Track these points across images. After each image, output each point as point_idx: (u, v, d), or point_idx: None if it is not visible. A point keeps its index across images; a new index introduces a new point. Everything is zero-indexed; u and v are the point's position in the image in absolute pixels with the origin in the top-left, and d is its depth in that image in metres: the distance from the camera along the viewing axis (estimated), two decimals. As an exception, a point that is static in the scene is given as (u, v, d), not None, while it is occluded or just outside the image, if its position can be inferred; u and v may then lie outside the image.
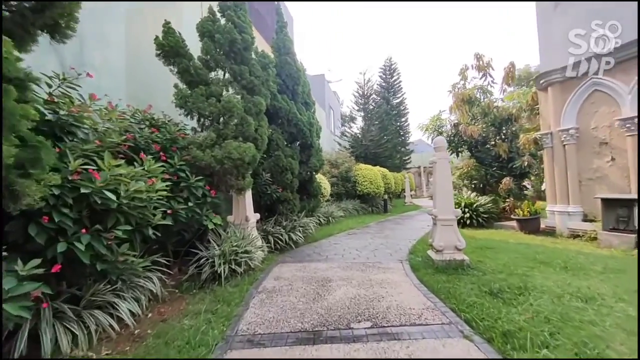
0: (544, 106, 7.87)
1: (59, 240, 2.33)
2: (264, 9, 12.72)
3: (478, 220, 8.82)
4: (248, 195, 5.46)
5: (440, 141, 5.22)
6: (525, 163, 8.84)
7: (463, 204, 8.95)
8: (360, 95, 24.45)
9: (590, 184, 6.81)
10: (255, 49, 5.74)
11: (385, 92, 27.88)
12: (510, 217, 8.57)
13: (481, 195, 9.94)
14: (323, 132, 9.91)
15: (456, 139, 11.12)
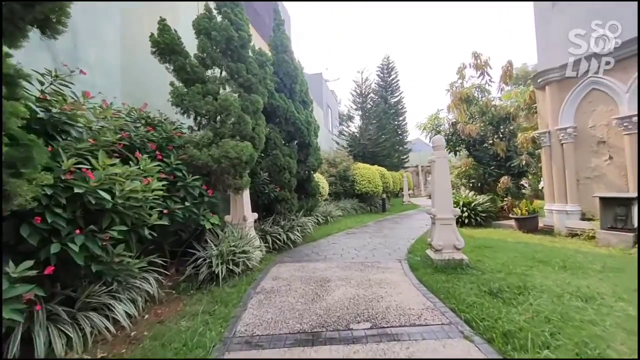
0: (541, 105, 7.87)
1: (52, 241, 2.27)
2: (261, 8, 12.63)
3: (476, 219, 8.82)
4: (246, 194, 5.42)
5: (439, 140, 5.20)
6: (523, 162, 8.85)
7: (461, 203, 8.95)
8: (358, 94, 24.43)
9: (588, 182, 6.82)
10: (253, 47, 5.68)
11: (383, 91, 27.87)
12: (509, 216, 8.59)
13: (479, 194, 9.95)
14: (321, 131, 9.86)
15: (454, 137, 11.11)
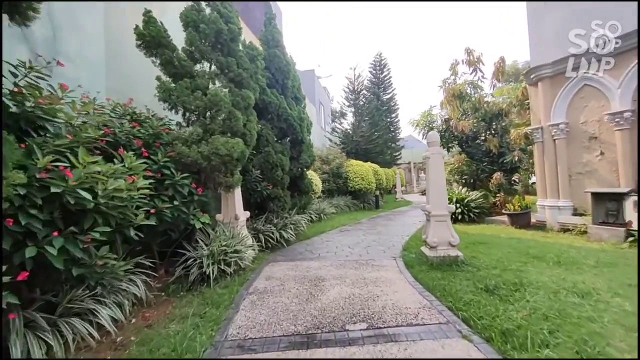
0: (534, 101, 7.89)
1: (27, 244, 2.12)
2: (251, 2, 12.39)
3: (469, 215, 8.85)
4: (237, 192, 5.29)
5: (434, 136, 5.13)
6: (515, 158, 8.89)
7: (454, 200, 8.95)
8: (350, 91, 24.30)
9: (580, 178, 6.87)
10: (243, 42, 5.53)
11: (376, 88, 27.78)
12: (501, 212, 8.62)
13: (472, 191, 9.98)
14: (314, 128, 9.74)
15: (447, 134, 11.12)
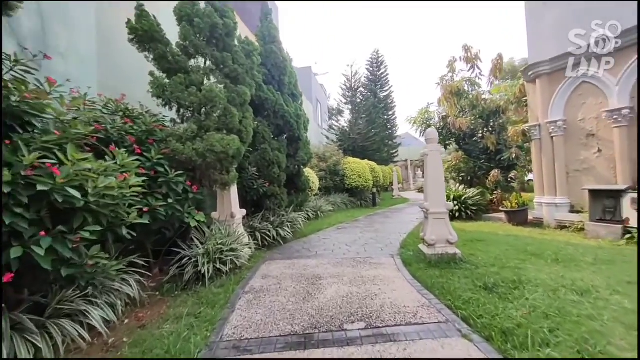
0: (532, 98, 7.87)
1: (13, 244, 2.04)
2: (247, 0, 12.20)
3: (467, 212, 8.84)
4: (233, 190, 5.21)
5: (432, 133, 5.09)
6: (513, 155, 8.87)
7: (452, 197, 8.94)
8: (347, 88, 24.22)
9: (577, 175, 6.87)
10: (239, 37, 5.43)
11: (373, 85, 27.68)
12: (498, 209, 8.62)
13: (469, 188, 9.97)
14: (310, 126, 9.64)
15: (444, 131, 11.06)
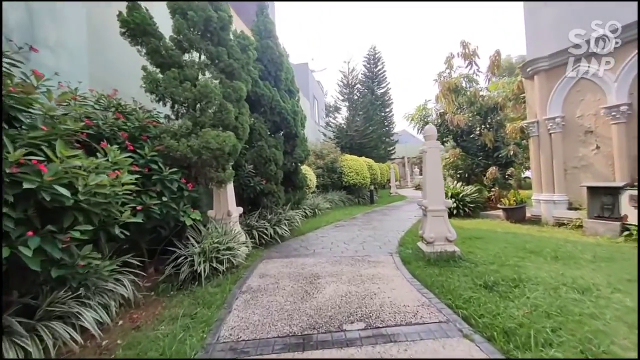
0: (530, 94, 7.84)
1: (-1, 245, 1.95)
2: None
3: (464, 210, 8.81)
4: (230, 188, 5.13)
5: (431, 129, 5.03)
6: (510, 152, 8.85)
7: (450, 194, 8.90)
8: (344, 85, 24.11)
9: (575, 172, 6.86)
10: (234, 31, 5.32)
11: (370, 82, 27.58)
12: (496, 207, 8.62)
13: (466, 185, 9.95)
14: (307, 123, 9.55)
15: (442, 128, 11.04)
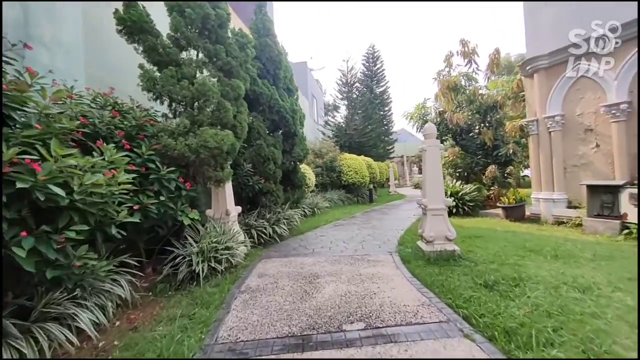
0: (529, 93, 7.82)
1: (-9, 246, 1.92)
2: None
3: (464, 208, 8.80)
4: (228, 187, 5.09)
5: (430, 128, 5.00)
6: (510, 150, 8.84)
7: (449, 193, 8.88)
8: (343, 84, 24.05)
9: (575, 170, 6.85)
10: (232, 29, 5.28)
11: (369, 81, 27.53)
12: (495, 205, 8.60)
13: (466, 184, 9.93)
14: (306, 121, 9.53)
15: (441, 127, 11.01)
